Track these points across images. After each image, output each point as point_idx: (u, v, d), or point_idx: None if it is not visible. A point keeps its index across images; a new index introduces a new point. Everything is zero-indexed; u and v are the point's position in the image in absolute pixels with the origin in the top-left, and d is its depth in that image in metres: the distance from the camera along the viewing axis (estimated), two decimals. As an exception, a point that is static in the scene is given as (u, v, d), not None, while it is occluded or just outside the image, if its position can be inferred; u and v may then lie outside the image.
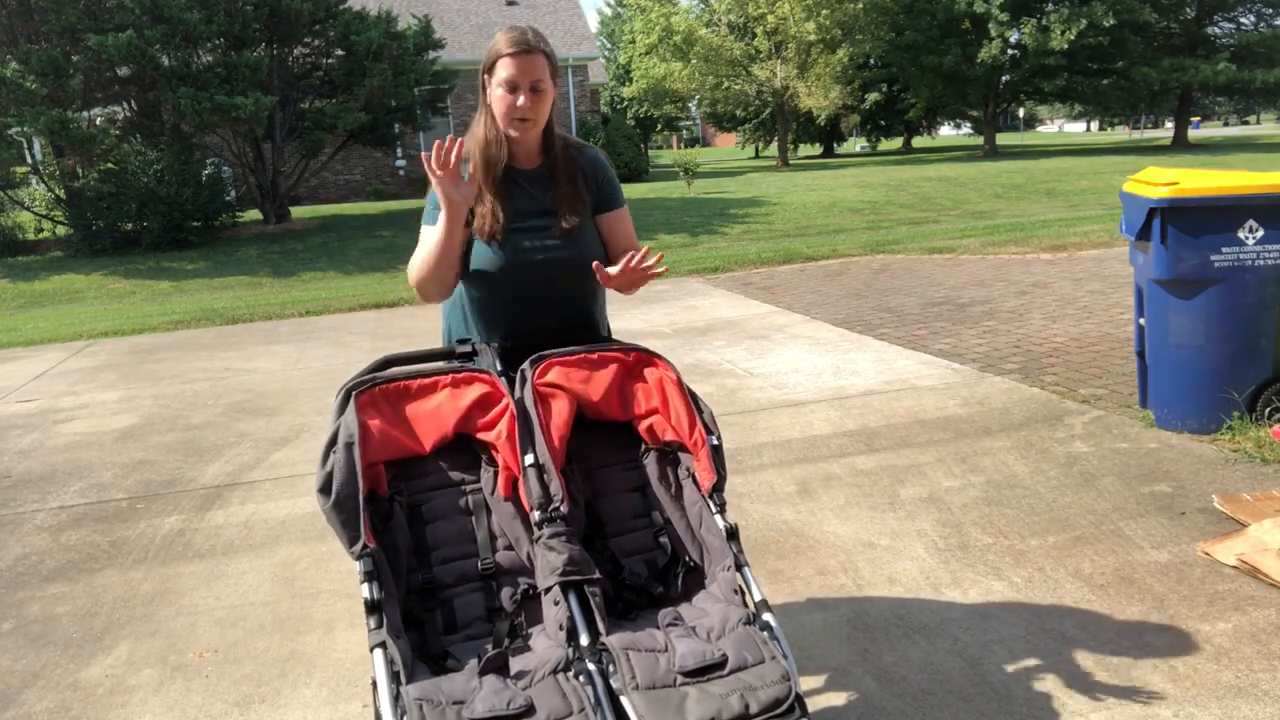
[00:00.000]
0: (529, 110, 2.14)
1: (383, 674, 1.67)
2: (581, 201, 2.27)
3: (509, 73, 2.13)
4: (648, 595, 2.02)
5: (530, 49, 2.12)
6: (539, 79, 2.14)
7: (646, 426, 2.14)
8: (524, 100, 2.13)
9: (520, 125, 2.17)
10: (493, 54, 2.16)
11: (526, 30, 2.16)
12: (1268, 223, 4.08)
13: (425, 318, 8.96)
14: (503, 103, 2.15)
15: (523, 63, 2.12)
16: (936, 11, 28.24)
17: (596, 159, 2.35)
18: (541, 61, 2.14)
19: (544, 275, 2.23)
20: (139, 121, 16.16)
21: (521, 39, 2.14)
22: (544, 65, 2.14)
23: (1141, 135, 48.52)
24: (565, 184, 2.25)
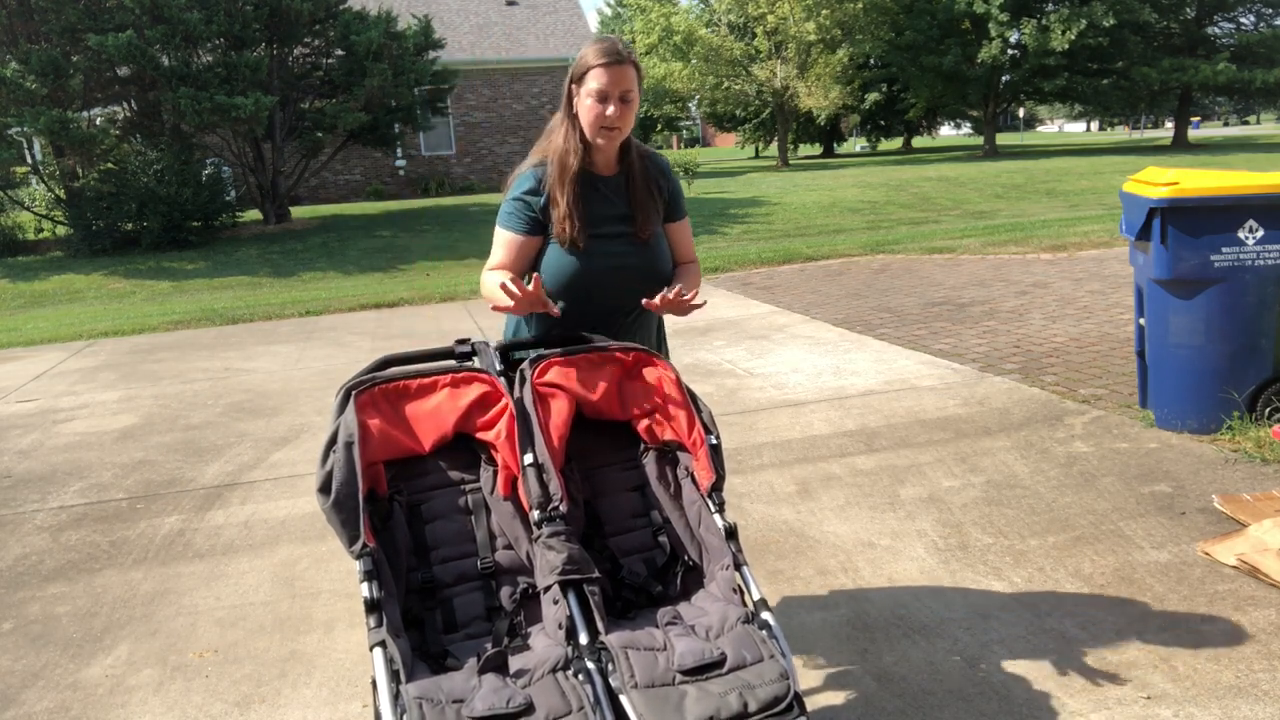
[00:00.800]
0: (618, 120, 2.19)
1: (382, 673, 1.67)
2: (656, 210, 2.34)
3: (600, 83, 2.16)
4: (647, 594, 2.03)
5: (621, 59, 2.16)
6: (628, 89, 2.18)
7: (645, 426, 2.15)
8: (614, 110, 2.17)
9: (607, 134, 2.21)
10: (582, 64, 2.19)
11: (616, 41, 2.20)
12: (1268, 223, 4.08)
13: (425, 318, 8.96)
14: (592, 112, 2.19)
15: (614, 73, 2.15)
16: (936, 11, 28.24)
17: (666, 167, 2.41)
18: (631, 72, 2.18)
19: (619, 281, 2.28)
20: (139, 121, 16.17)
21: (612, 49, 2.17)
22: (633, 76, 2.18)
23: (1141, 135, 48.53)
24: (642, 191, 2.31)
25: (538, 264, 2.29)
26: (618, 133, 2.22)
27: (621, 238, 2.28)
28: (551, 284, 2.27)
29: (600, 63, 2.15)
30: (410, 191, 24.90)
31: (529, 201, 2.26)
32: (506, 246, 2.29)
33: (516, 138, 26.25)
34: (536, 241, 2.28)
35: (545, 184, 2.25)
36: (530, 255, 2.30)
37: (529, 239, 2.27)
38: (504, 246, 2.29)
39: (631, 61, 2.18)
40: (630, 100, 2.19)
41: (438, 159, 25.68)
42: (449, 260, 13.78)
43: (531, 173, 2.29)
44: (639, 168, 2.33)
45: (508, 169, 18.78)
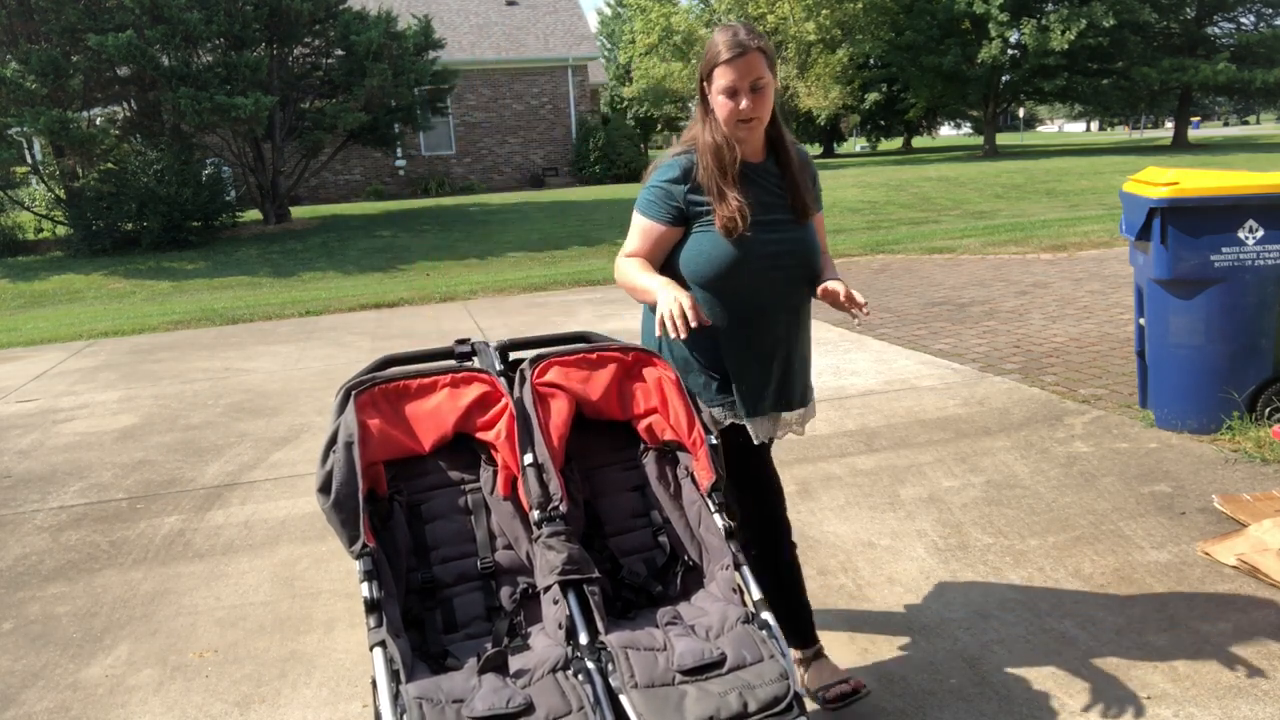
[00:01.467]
0: (752, 111, 2.14)
1: (382, 673, 1.67)
2: (810, 196, 2.31)
3: (728, 79, 2.12)
4: (647, 594, 2.03)
5: (745, 49, 2.11)
6: (759, 77, 2.12)
7: (645, 426, 2.15)
8: (746, 103, 2.13)
9: (745, 127, 2.17)
10: (709, 61, 2.16)
11: (739, 29, 2.15)
12: (1268, 223, 4.08)
13: (425, 318, 8.96)
14: (724, 109, 2.15)
15: (740, 65, 2.11)
16: (936, 11, 28.24)
17: (808, 157, 2.38)
18: (758, 59, 2.12)
19: (783, 267, 2.25)
20: (139, 121, 16.17)
21: (735, 41, 2.12)
22: (761, 62, 2.12)
23: (1141, 135, 48.52)
24: (798, 177, 2.27)
25: (675, 254, 2.25)
26: (756, 123, 2.17)
27: (781, 224, 2.24)
28: (706, 276, 2.22)
29: (725, 59, 2.11)
30: (410, 191, 24.89)
31: (671, 190, 2.21)
32: (645, 235, 2.25)
33: (516, 138, 26.25)
34: (677, 233, 2.23)
35: (693, 173, 2.20)
36: (669, 247, 2.25)
37: (670, 230, 2.23)
38: (642, 235, 2.25)
39: (758, 48, 2.12)
40: (762, 88, 2.13)
41: (438, 159, 25.68)
42: (449, 260, 13.78)
43: (676, 160, 2.23)
44: (794, 153, 2.29)
45: (508, 169, 18.69)
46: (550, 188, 25.00)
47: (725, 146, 2.18)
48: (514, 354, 2.29)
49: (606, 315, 8.41)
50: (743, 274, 2.20)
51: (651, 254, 2.25)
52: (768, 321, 2.27)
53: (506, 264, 13.17)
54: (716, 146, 2.18)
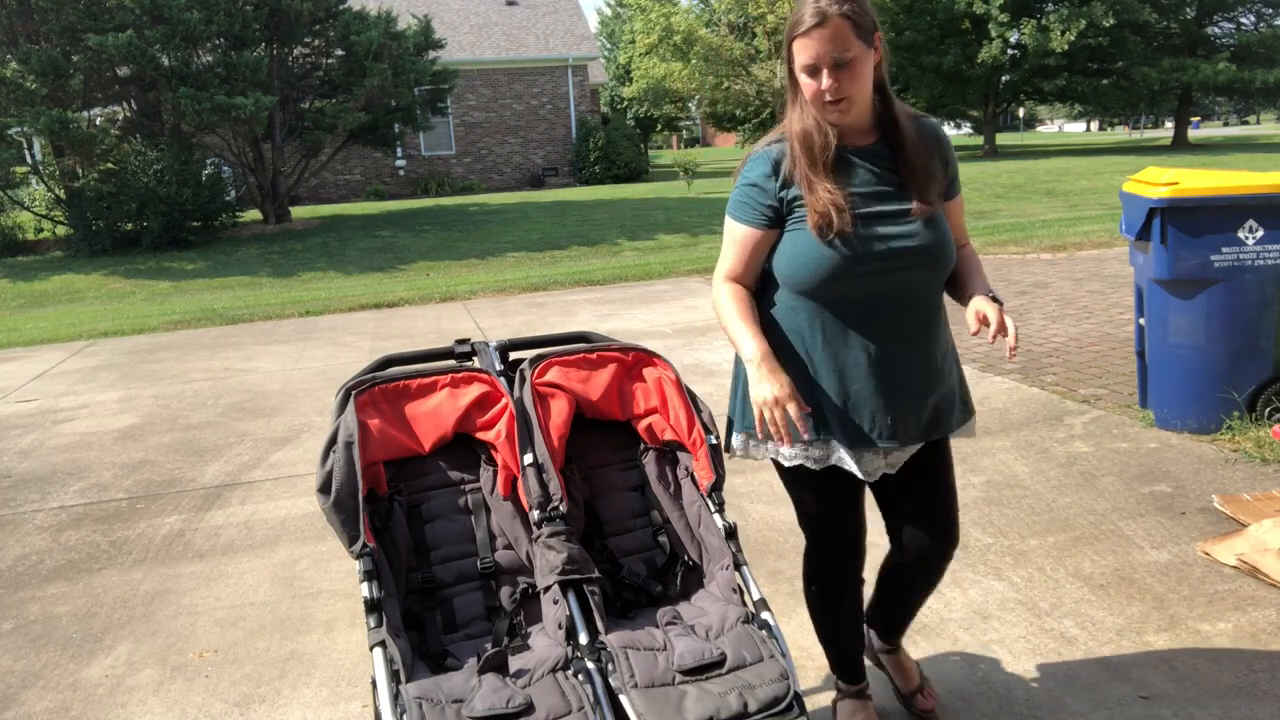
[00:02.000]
0: (838, 90, 1.82)
1: (382, 673, 1.67)
2: (935, 179, 1.95)
3: (808, 55, 1.81)
4: (646, 594, 2.03)
5: (824, 19, 1.78)
6: (844, 49, 1.79)
7: (645, 426, 2.14)
8: (829, 82, 1.81)
9: (835, 110, 1.85)
10: (790, 32, 1.85)
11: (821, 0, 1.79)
12: (1268, 223, 4.08)
13: (425, 318, 8.96)
14: (809, 89, 1.85)
15: (818, 38, 1.79)
16: (936, 11, 28.22)
17: (939, 132, 2.00)
18: (840, 28, 1.78)
19: (900, 269, 1.91)
20: (139, 121, 16.17)
21: (815, 9, 1.79)
22: (846, 31, 1.79)
23: (1141, 135, 48.51)
24: (916, 158, 1.92)
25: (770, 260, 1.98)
26: (848, 103, 1.84)
27: (898, 216, 1.90)
28: (801, 281, 1.93)
29: (802, 30, 1.80)
30: (410, 191, 24.90)
31: (764, 187, 1.94)
32: (739, 245, 1.97)
33: (516, 138, 26.26)
34: (773, 236, 1.95)
35: (784, 165, 1.92)
36: (766, 252, 1.98)
37: (766, 233, 1.95)
38: (737, 245, 1.98)
39: (841, 15, 1.78)
40: (849, 62, 1.80)
41: (438, 159, 25.69)
42: (449, 260, 13.78)
43: (765, 152, 1.96)
44: (909, 129, 1.93)
45: (508, 169, 18.68)
46: (550, 188, 25.00)
47: (815, 131, 1.88)
48: (514, 354, 2.29)
49: (606, 315, 8.41)
50: (847, 277, 1.89)
51: (750, 265, 1.98)
52: (884, 334, 1.94)
53: (506, 264, 13.17)
54: (805, 132, 1.89)
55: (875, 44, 1.84)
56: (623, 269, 11.39)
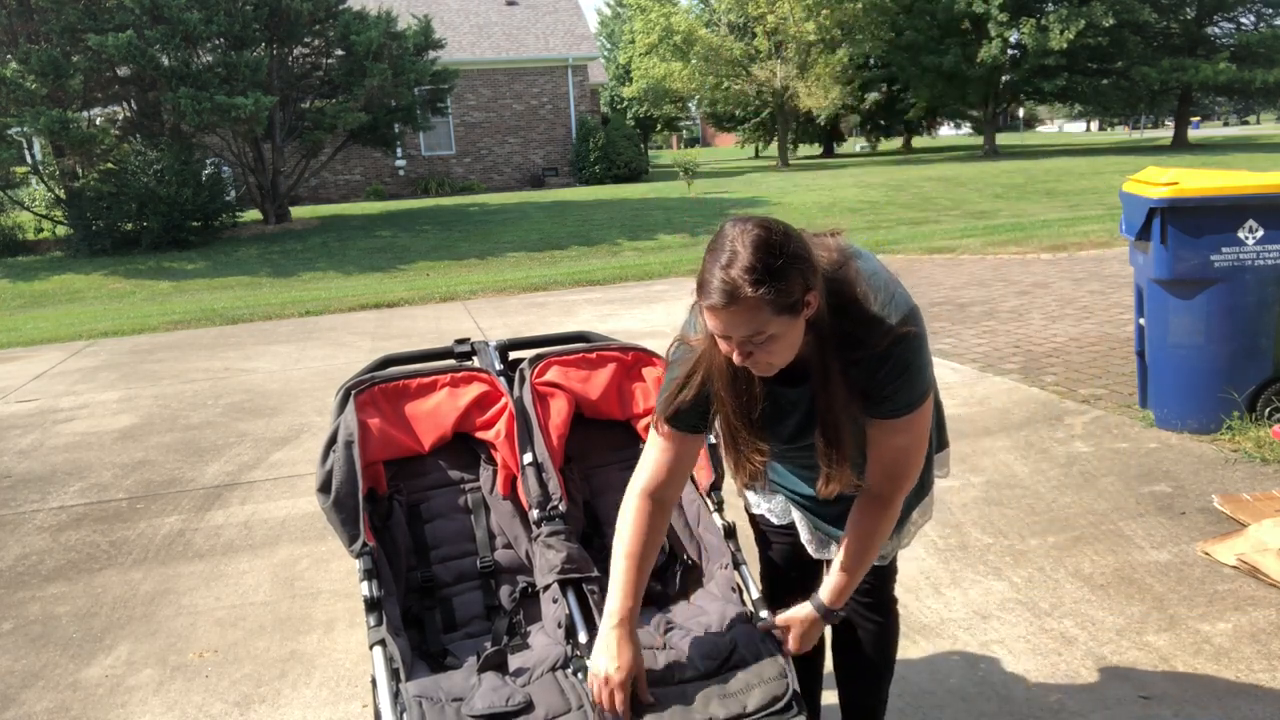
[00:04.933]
0: (754, 363, 1.52)
1: (382, 672, 1.67)
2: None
3: (713, 326, 1.50)
4: (646, 593, 2.03)
5: (732, 299, 1.43)
6: (757, 331, 1.46)
7: (645, 425, 2.14)
8: (739, 357, 1.51)
9: (756, 369, 1.56)
10: (697, 288, 1.51)
11: (733, 269, 1.43)
12: (1268, 223, 4.08)
13: (425, 318, 8.96)
14: (723, 346, 1.54)
15: (724, 318, 1.46)
16: (936, 11, 28.22)
17: (882, 362, 1.57)
18: (754, 308, 1.43)
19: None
20: (139, 121, 16.17)
21: (723, 284, 1.43)
22: (762, 312, 1.43)
23: (1141, 135, 48.49)
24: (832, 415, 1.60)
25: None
26: (766, 368, 1.55)
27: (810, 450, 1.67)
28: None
29: (705, 303, 1.48)
30: (410, 191, 24.90)
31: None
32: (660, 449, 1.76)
33: (516, 138, 26.26)
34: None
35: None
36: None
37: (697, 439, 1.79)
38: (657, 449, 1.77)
39: (758, 297, 1.41)
40: (764, 341, 1.47)
41: (438, 159, 25.69)
42: (449, 260, 13.78)
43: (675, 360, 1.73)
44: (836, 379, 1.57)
45: (508, 169, 18.75)
46: (550, 188, 25.00)
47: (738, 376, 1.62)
48: (514, 354, 2.29)
49: (606, 315, 8.41)
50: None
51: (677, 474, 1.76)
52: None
53: (506, 264, 13.17)
54: (735, 378, 1.62)
55: (807, 303, 1.47)
56: (623, 269, 11.39)
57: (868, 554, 1.69)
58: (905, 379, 1.55)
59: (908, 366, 1.55)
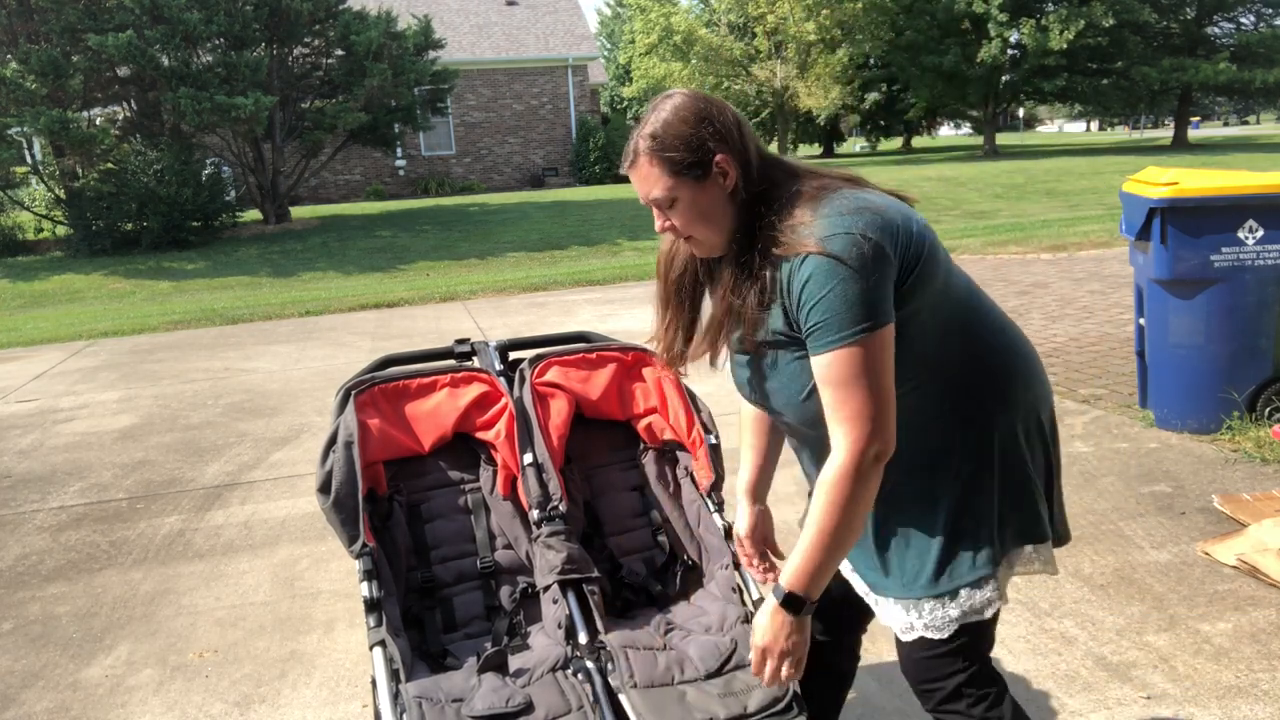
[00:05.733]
0: (671, 229, 1.53)
1: (382, 672, 1.67)
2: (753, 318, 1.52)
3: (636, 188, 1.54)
4: (646, 594, 2.03)
5: (633, 159, 1.49)
6: (654, 191, 1.48)
7: (645, 425, 2.14)
8: (658, 220, 1.53)
9: (686, 244, 1.58)
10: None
11: (638, 131, 1.49)
12: (1267, 223, 4.08)
13: (425, 318, 8.96)
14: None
15: (634, 179, 1.51)
16: (936, 11, 28.23)
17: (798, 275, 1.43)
18: (647, 169, 1.47)
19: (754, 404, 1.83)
20: (139, 121, 16.18)
21: (630, 146, 1.50)
22: (656, 172, 1.46)
23: (1141, 135, 48.50)
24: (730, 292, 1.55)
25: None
26: (694, 242, 1.54)
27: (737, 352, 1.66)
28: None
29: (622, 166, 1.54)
30: (410, 191, 24.89)
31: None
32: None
33: (516, 138, 26.25)
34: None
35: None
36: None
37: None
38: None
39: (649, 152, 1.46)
40: (671, 203, 1.48)
41: (438, 159, 25.69)
42: (449, 260, 13.77)
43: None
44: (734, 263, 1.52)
45: (508, 169, 18.72)
46: (550, 188, 25.00)
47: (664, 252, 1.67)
48: (514, 354, 2.29)
49: (606, 315, 8.41)
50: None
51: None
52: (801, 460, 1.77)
53: (506, 264, 13.17)
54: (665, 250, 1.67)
55: (716, 169, 1.45)
56: (623, 269, 11.39)
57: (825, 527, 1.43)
58: (820, 306, 1.38)
59: (822, 293, 1.38)
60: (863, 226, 1.39)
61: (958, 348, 1.54)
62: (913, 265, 1.44)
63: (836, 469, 1.41)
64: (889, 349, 1.40)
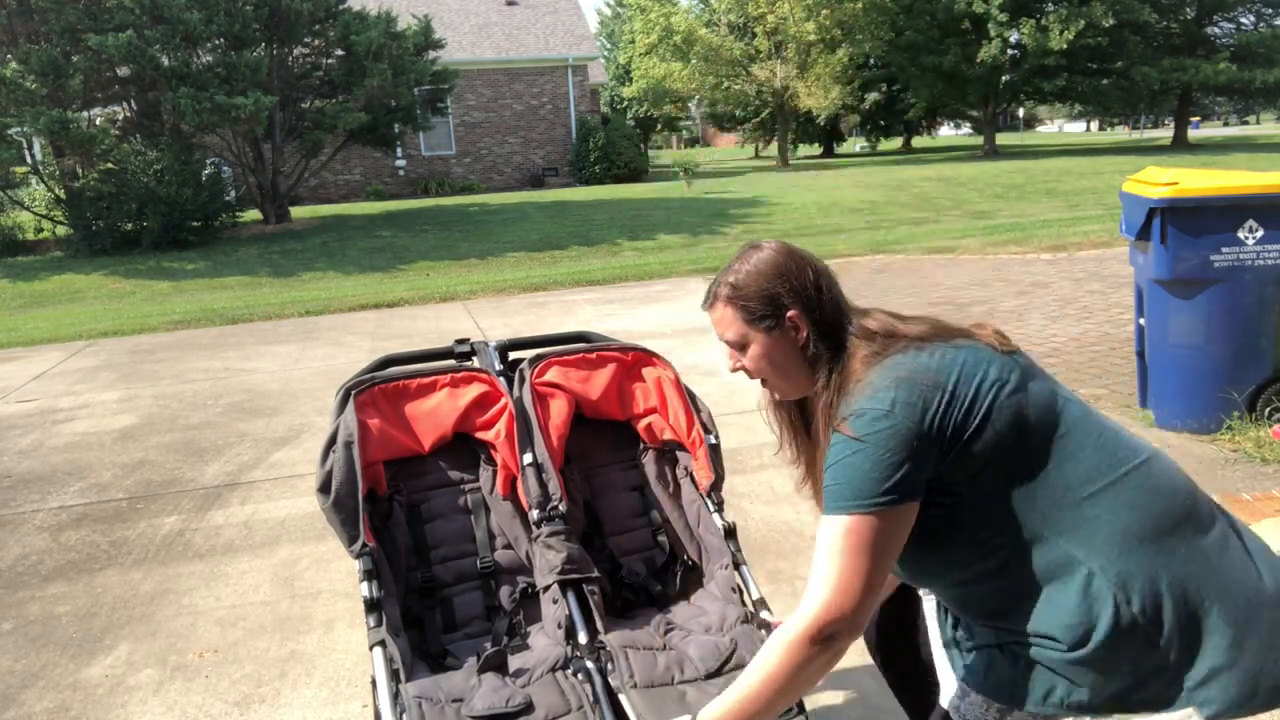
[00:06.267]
0: (744, 370, 1.57)
1: (382, 672, 1.67)
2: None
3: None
4: (646, 594, 2.03)
5: (711, 301, 1.57)
6: (727, 333, 1.55)
7: (645, 426, 2.15)
8: (730, 361, 1.58)
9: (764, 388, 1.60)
10: None
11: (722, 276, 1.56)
12: (1267, 223, 4.08)
13: (425, 318, 8.96)
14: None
15: (712, 320, 1.58)
16: (936, 11, 28.23)
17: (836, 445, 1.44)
18: (725, 314, 1.54)
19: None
20: (139, 121, 16.17)
21: (711, 286, 1.58)
22: (731, 317, 1.53)
23: (1141, 135, 48.49)
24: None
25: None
26: (768, 386, 1.58)
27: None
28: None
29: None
30: (410, 191, 24.89)
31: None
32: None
33: (516, 138, 26.25)
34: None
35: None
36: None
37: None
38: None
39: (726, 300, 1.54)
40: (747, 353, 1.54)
41: (438, 159, 25.68)
42: (449, 260, 13.77)
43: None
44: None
45: (508, 169, 18.72)
46: (550, 188, 25.00)
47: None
48: (513, 354, 2.29)
49: (606, 315, 8.41)
50: None
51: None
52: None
53: (506, 264, 13.17)
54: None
55: (788, 323, 1.50)
56: (623, 269, 11.39)
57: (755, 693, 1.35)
58: (830, 471, 1.40)
59: (835, 460, 1.40)
60: (893, 403, 1.37)
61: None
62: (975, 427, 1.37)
63: (788, 635, 1.34)
64: (890, 530, 1.35)
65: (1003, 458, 1.39)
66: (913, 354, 1.44)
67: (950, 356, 1.43)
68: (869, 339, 1.49)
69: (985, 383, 1.41)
